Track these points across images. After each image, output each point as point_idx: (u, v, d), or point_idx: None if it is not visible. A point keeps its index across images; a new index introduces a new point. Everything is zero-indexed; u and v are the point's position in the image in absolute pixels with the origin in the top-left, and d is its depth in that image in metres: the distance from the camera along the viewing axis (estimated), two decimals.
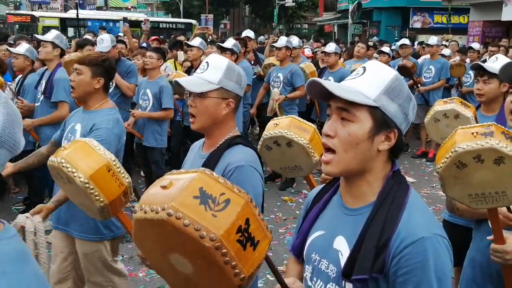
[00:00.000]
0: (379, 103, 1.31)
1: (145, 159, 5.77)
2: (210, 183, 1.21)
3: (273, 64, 7.09)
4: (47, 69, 5.03)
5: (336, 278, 1.36)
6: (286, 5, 38.20)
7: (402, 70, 7.67)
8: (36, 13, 26.58)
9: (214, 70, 2.04)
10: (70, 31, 25.23)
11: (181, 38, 10.11)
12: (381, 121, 1.32)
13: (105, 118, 2.86)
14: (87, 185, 1.98)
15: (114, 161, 2.10)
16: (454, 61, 8.39)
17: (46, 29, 22.66)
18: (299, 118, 2.55)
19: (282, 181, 6.92)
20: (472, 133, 1.81)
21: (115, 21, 27.55)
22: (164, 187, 1.20)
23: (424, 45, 10.13)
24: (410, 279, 1.24)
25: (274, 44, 7.02)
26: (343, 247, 1.37)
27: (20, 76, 5.52)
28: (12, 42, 8.06)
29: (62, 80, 4.77)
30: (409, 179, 1.73)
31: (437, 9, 26.86)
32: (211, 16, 36.96)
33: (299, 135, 2.39)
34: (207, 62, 2.07)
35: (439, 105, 3.33)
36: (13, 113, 1.08)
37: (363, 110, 1.31)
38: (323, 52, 7.27)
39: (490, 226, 2.04)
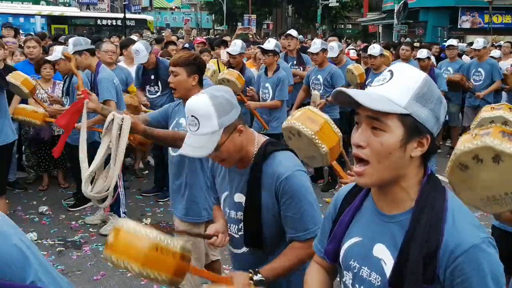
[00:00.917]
0: (410, 110, 1.27)
1: None
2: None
3: None
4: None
5: (382, 286, 1.35)
6: (330, 5, 37.83)
7: (452, 84, 7.52)
8: None
9: (207, 121, 1.89)
10: None
11: (227, 38, 10.25)
12: (413, 128, 1.28)
13: None
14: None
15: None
16: (507, 69, 8.09)
17: None
18: (314, 109, 2.59)
19: (324, 183, 6.89)
20: (472, 135, 1.79)
21: (27, 16, 21.97)
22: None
23: (471, 48, 9.79)
24: (468, 287, 1.24)
25: (309, 50, 6.80)
26: (385, 255, 1.34)
27: (66, 76, 5.68)
28: (62, 41, 8.32)
29: (104, 80, 4.86)
30: (443, 179, 1.71)
31: (488, 8, 25.99)
32: (254, 16, 37.14)
33: (306, 126, 2.44)
34: (193, 116, 1.91)
35: (486, 112, 3.21)
36: None
37: (393, 118, 1.27)
38: (368, 55, 7.01)
39: None
